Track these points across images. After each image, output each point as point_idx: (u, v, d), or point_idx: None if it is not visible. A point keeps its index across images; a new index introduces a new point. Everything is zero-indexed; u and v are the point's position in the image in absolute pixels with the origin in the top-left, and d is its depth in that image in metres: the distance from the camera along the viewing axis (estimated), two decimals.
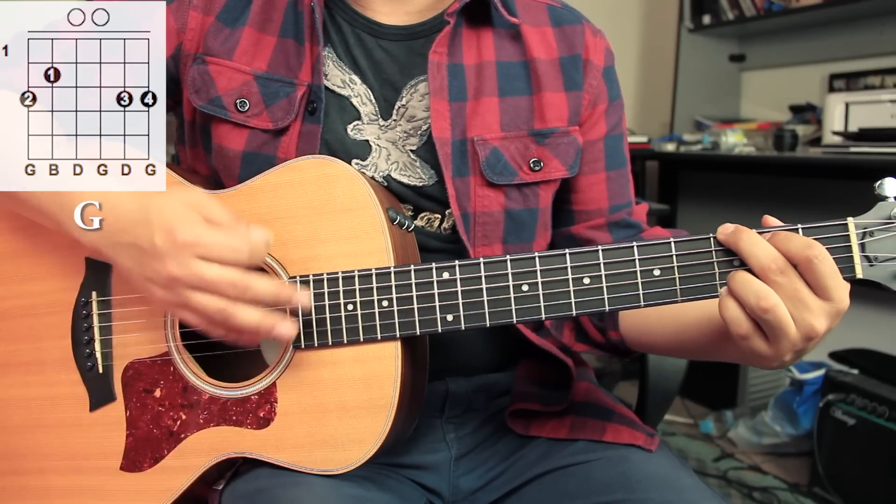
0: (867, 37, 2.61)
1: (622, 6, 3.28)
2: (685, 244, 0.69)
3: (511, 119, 0.86)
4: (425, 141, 0.85)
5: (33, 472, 0.83)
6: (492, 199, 0.85)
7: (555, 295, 0.71)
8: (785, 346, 0.64)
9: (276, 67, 0.84)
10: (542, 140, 0.87)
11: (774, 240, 0.65)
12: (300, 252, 0.75)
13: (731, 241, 0.67)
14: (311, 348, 0.75)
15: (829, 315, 0.64)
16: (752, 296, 0.63)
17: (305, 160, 0.77)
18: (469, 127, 0.84)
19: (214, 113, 0.83)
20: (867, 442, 1.96)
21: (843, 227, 0.66)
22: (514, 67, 0.88)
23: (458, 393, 0.88)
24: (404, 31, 0.87)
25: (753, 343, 0.65)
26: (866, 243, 0.66)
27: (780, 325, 0.63)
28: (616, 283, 0.70)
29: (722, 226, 0.68)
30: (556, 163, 0.88)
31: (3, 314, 0.84)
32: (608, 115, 0.93)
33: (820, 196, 2.62)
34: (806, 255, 0.63)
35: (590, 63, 0.91)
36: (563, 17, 0.92)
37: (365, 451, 0.73)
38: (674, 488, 0.76)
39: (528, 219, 0.87)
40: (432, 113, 0.82)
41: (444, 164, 0.82)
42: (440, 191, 0.84)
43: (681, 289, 0.69)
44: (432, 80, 0.83)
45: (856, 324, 2.38)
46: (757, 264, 0.64)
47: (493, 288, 0.72)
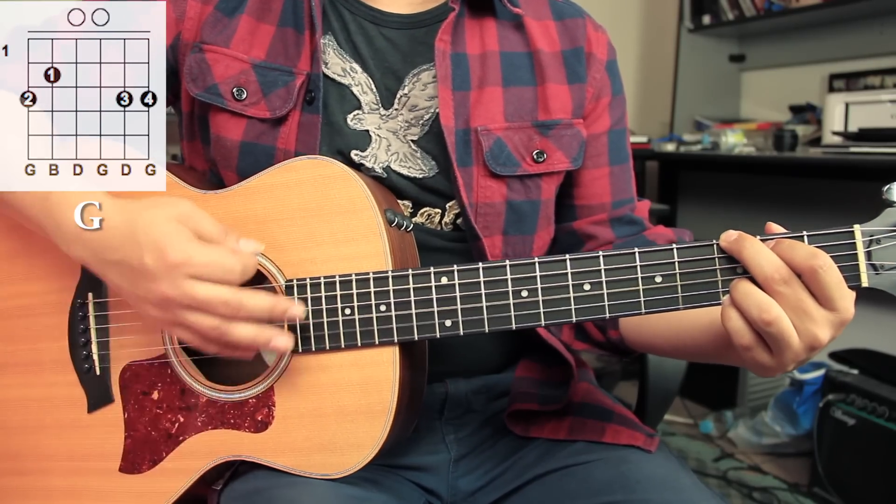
0: (867, 37, 2.61)
1: (622, 6, 3.28)
2: (687, 251, 0.68)
3: (515, 109, 0.86)
4: (427, 131, 0.84)
5: (35, 473, 0.83)
6: (494, 190, 0.84)
7: (555, 301, 0.70)
8: (788, 356, 0.64)
9: (274, 56, 0.83)
10: (546, 132, 0.87)
11: (778, 248, 0.64)
12: (297, 255, 0.75)
13: (735, 250, 0.65)
14: (309, 353, 0.74)
15: (833, 325, 0.63)
16: (754, 308, 0.63)
17: (302, 160, 0.76)
18: (473, 117, 0.84)
19: (211, 101, 0.83)
20: (867, 442, 1.96)
21: (850, 235, 0.65)
22: (518, 58, 0.88)
23: (458, 394, 0.88)
24: (407, 19, 0.87)
25: (756, 354, 0.65)
26: (873, 251, 0.65)
27: (782, 338, 0.62)
28: (617, 290, 0.69)
29: (725, 233, 0.66)
30: (560, 155, 0.88)
31: (0, 314, 0.84)
32: (612, 109, 0.93)
33: (820, 196, 2.62)
34: (811, 265, 0.62)
35: (593, 56, 0.91)
36: (564, 11, 0.93)
37: (363, 456, 0.73)
38: (673, 489, 0.76)
39: (529, 210, 0.87)
40: (439, 101, 0.82)
41: (451, 152, 0.82)
42: (441, 182, 0.84)
43: (682, 296, 0.68)
44: (439, 68, 0.82)
45: (856, 324, 2.36)
46: (760, 274, 0.63)
47: (492, 294, 0.71)
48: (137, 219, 0.69)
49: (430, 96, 0.85)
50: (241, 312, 0.68)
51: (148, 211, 0.70)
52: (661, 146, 2.90)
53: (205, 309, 0.67)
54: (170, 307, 0.68)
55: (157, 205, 0.71)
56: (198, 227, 0.69)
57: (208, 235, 0.69)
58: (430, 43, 0.83)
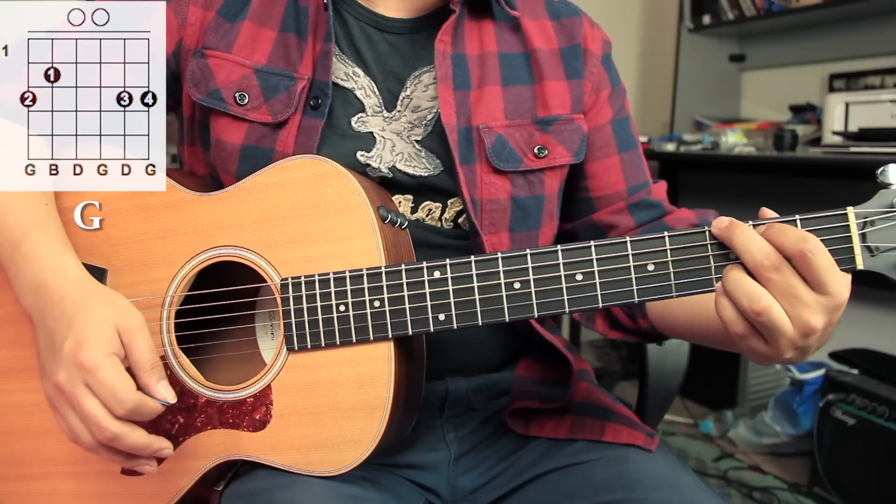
0: (867, 37, 2.61)
1: (622, 6, 3.28)
2: (679, 238, 0.67)
3: (515, 108, 0.87)
4: (430, 131, 0.85)
5: (39, 477, 0.83)
6: (498, 187, 0.85)
7: (547, 292, 0.70)
8: (783, 344, 0.63)
9: (275, 61, 0.84)
10: (546, 127, 0.88)
11: (768, 233, 0.63)
12: (291, 253, 0.75)
13: (725, 237, 0.65)
14: (305, 350, 0.75)
15: (827, 309, 0.62)
16: (744, 297, 0.62)
17: (295, 160, 0.77)
18: (474, 115, 0.85)
19: (213, 106, 0.83)
20: (867, 442, 1.96)
21: (843, 217, 0.64)
22: (515, 58, 0.89)
23: (458, 393, 0.88)
24: (409, 24, 0.88)
25: (751, 343, 0.64)
26: (867, 233, 0.63)
27: (774, 326, 0.62)
28: (609, 279, 0.68)
29: (716, 219, 0.66)
30: (561, 149, 0.88)
31: (1, 320, 0.84)
32: (612, 100, 0.94)
33: (820, 196, 2.62)
34: (800, 248, 0.61)
35: (588, 52, 0.92)
36: (560, 11, 0.94)
37: (361, 452, 0.73)
38: (673, 488, 0.76)
39: (534, 206, 0.88)
40: (440, 101, 0.83)
41: (454, 149, 0.82)
42: (445, 180, 0.85)
43: (675, 283, 0.67)
44: (438, 68, 0.84)
45: (856, 324, 2.38)
46: (751, 261, 0.62)
47: (484, 286, 0.71)
48: (85, 306, 0.71)
49: (431, 97, 0.85)
50: (112, 443, 0.69)
51: (98, 304, 0.72)
52: (661, 146, 2.89)
53: (82, 418, 0.69)
54: (58, 394, 0.70)
55: (111, 304, 0.73)
56: (131, 345, 0.71)
57: (135, 361, 0.71)
58: (431, 46, 0.84)
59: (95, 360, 0.68)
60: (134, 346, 0.71)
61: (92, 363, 0.68)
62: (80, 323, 0.70)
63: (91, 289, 0.74)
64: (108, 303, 0.73)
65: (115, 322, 0.71)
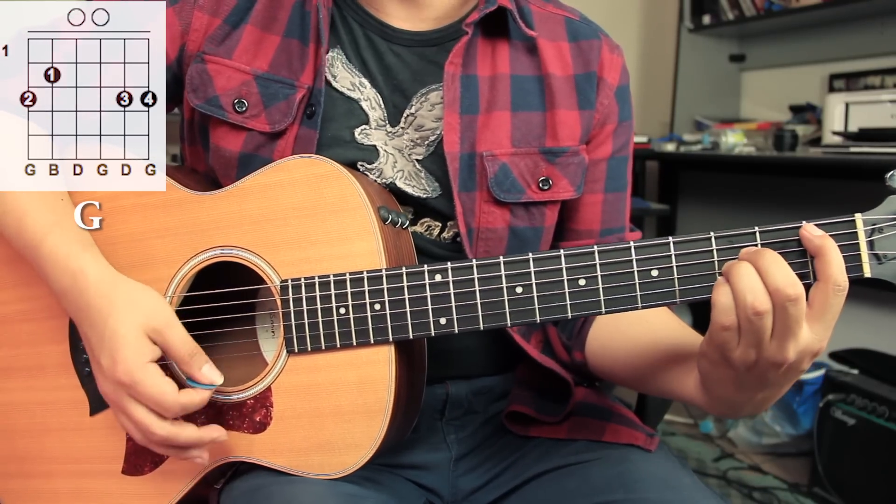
0: (867, 37, 2.61)
1: (622, 6, 3.28)
2: (684, 244, 0.66)
3: (523, 135, 0.84)
4: (432, 152, 0.83)
5: (40, 476, 0.83)
6: (497, 216, 0.83)
7: (550, 297, 0.69)
8: (758, 355, 0.63)
9: (277, 68, 0.82)
10: (553, 159, 0.85)
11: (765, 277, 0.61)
12: (291, 254, 0.75)
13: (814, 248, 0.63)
14: (305, 353, 0.74)
15: (807, 353, 0.63)
16: (748, 293, 0.61)
17: (294, 160, 0.76)
18: (479, 141, 0.83)
19: (211, 113, 0.82)
20: (867, 442, 1.96)
21: (851, 224, 0.63)
22: (528, 82, 0.86)
23: (459, 396, 0.88)
24: (417, 37, 0.86)
25: (728, 337, 0.63)
26: (875, 240, 0.63)
27: (764, 333, 0.61)
28: (612, 285, 0.68)
29: (808, 224, 0.64)
30: (565, 183, 0.86)
31: (3, 319, 0.84)
32: (616, 135, 0.91)
33: (820, 196, 2.62)
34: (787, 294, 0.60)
35: (603, 81, 0.89)
36: (580, 32, 0.90)
37: (361, 456, 0.73)
38: (673, 488, 0.76)
39: (532, 237, 0.86)
40: (445, 126, 0.81)
41: (453, 179, 0.81)
42: (443, 204, 0.83)
43: (679, 290, 0.67)
44: (447, 91, 0.81)
45: (856, 324, 2.38)
46: (774, 282, 0.61)
47: (486, 290, 0.70)
48: (110, 314, 0.72)
49: (437, 117, 0.83)
50: (166, 443, 0.72)
51: (121, 309, 0.72)
52: (661, 146, 2.90)
53: (135, 425, 0.72)
54: (111, 402, 0.74)
55: (133, 305, 0.73)
56: (166, 344, 0.72)
57: (173, 356, 0.72)
58: (440, 63, 0.82)
59: (132, 376, 0.70)
60: (168, 343, 0.72)
61: (130, 380, 0.70)
62: (110, 335, 0.71)
63: (111, 290, 0.74)
64: (130, 304, 0.73)
65: (143, 325, 0.72)
